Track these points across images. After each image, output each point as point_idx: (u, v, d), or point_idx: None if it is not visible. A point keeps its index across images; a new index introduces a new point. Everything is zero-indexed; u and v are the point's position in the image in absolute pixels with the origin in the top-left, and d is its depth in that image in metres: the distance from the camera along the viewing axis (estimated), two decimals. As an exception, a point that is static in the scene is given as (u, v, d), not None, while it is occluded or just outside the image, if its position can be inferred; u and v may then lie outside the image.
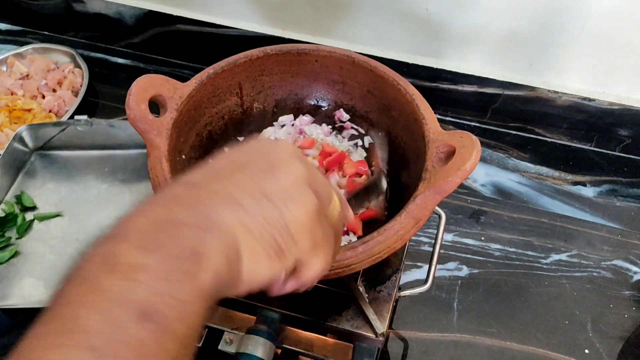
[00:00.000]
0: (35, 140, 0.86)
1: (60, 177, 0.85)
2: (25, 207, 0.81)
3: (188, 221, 0.28)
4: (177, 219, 0.28)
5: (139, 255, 0.26)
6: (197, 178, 0.32)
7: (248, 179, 0.32)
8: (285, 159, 0.34)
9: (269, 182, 0.32)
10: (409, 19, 0.89)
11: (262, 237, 0.31)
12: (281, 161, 0.34)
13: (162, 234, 0.27)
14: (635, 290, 0.75)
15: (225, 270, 0.29)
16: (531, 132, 0.94)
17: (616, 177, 0.88)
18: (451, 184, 0.47)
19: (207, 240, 0.28)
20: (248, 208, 0.31)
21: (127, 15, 1.05)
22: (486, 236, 0.80)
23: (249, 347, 0.54)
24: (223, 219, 0.30)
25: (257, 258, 0.31)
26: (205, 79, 0.61)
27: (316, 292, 0.56)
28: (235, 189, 0.31)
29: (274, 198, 0.32)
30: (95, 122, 0.84)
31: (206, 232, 0.29)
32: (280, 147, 0.35)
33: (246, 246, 0.30)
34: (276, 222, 0.31)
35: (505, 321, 0.72)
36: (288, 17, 0.97)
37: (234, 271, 0.30)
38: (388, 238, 0.48)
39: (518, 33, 0.85)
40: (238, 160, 0.34)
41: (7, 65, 1.02)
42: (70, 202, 0.82)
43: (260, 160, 0.34)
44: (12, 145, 0.83)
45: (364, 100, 0.67)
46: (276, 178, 0.33)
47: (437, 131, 0.54)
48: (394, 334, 0.71)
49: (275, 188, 0.32)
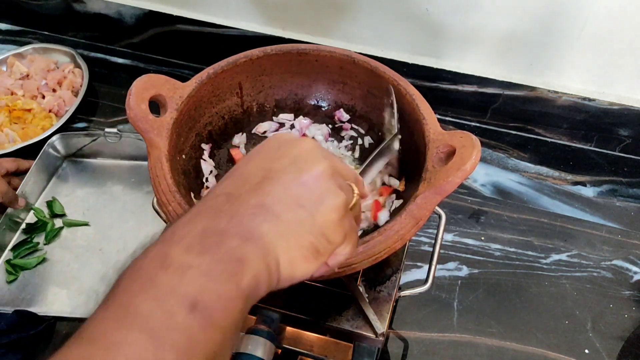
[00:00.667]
0: (67, 148, 0.89)
1: (89, 185, 0.87)
2: (55, 214, 0.83)
3: (230, 231, 0.32)
4: (221, 229, 0.32)
5: (189, 257, 0.30)
6: (232, 188, 0.35)
7: (280, 189, 0.34)
8: (309, 158, 0.36)
9: (298, 188, 0.35)
10: (409, 19, 0.89)
11: (298, 242, 0.34)
12: (307, 162, 0.36)
13: (208, 240, 0.31)
14: (635, 290, 0.75)
15: (264, 275, 0.32)
16: (531, 132, 0.94)
17: (616, 177, 0.88)
18: (451, 184, 0.47)
19: (248, 248, 0.31)
20: (283, 218, 0.33)
21: (127, 15, 1.05)
22: (486, 236, 0.80)
23: (249, 347, 0.54)
24: (261, 230, 0.32)
25: (295, 262, 0.34)
26: (206, 78, 0.61)
27: (316, 292, 0.56)
28: (269, 199, 0.34)
29: (306, 204, 0.34)
30: (124, 134, 0.86)
31: (247, 242, 0.32)
32: (302, 146, 0.37)
33: (283, 252, 0.33)
34: (310, 227, 0.34)
35: (505, 321, 0.72)
36: (288, 17, 0.97)
37: (273, 275, 0.33)
38: (388, 238, 0.48)
39: (518, 33, 0.85)
40: (265, 165, 0.36)
41: (7, 65, 1.02)
42: (97, 212, 0.84)
43: (286, 163, 0.36)
44: (46, 151, 0.86)
45: (364, 100, 0.67)
46: (305, 183, 0.35)
47: (437, 131, 0.54)
48: (394, 334, 0.71)
49: (305, 194, 0.35)
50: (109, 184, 0.87)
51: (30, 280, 0.76)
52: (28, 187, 0.83)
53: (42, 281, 0.76)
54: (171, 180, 0.52)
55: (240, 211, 0.33)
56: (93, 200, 0.85)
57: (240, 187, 0.35)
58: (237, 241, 0.31)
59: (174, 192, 0.51)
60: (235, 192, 0.34)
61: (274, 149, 0.38)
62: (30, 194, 0.84)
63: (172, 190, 0.51)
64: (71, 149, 0.89)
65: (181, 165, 0.59)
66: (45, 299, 0.74)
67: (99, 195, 0.86)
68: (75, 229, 0.82)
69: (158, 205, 0.54)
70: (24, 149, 0.87)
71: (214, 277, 0.29)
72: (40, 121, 0.93)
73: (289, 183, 0.35)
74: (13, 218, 0.81)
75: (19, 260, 0.77)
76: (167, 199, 0.51)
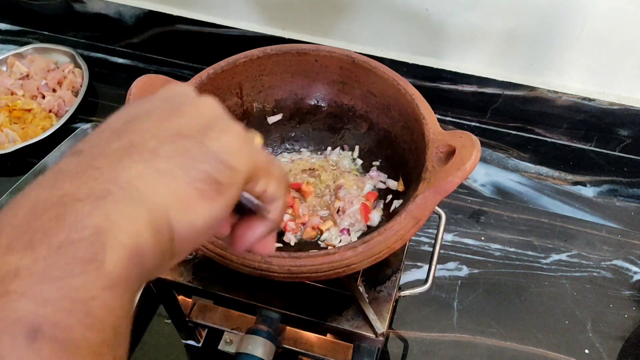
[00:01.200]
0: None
1: None
2: None
3: (78, 193, 0.22)
4: (64, 195, 0.22)
5: (12, 259, 0.20)
6: (88, 143, 0.25)
7: (152, 124, 0.26)
8: (193, 97, 0.28)
9: (179, 120, 0.26)
10: (409, 18, 0.89)
11: (188, 176, 0.25)
12: (189, 99, 0.28)
13: (42, 220, 0.21)
14: (635, 290, 0.75)
15: (148, 238, 0.23)
16: (531, 132, 0.94)
17: (616, 177, 0.88)
18: (451, 184, 0.47)
19: (110, 209, 0.22)
20: (160, 152, 0.24)
21: (127, 15, 1.05)
22: (486, 236, 0.80)
23: (249, 347, 0.54)
24: (129, 174, 0.23)
25: (190, 202, 0.25)
26: (205, 79, 0.61)
27: (316, 292, 0.56)
28: (137, 137, 0.25)
29: (191, 133, 0.26)
30: None
31: (106, 199, 0.22)
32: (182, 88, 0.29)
33: (170, 194, 0.24)
34: (201, 156, 0.25)
35: (505, 321, 0.72)
36: (288, 17, 0.97)
37: (161, 231, 0.24)
38: (388, 238, 0.48)
39: (518, 33, 0.85)
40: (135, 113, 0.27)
41: (7, 65, 1.02)
42: None
43: (162, 105, 0.27)
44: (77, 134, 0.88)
45: (364, 100, 0.67)
46: (188, 115, 0.27)
47: (437, 131, 0.54)
48: (394, 334, 0.71)
49: (189, 124, 0.26)
50: None
51: None
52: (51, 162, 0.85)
53: None
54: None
55: (94, 164, 0.23)
56: None
57: (99, 140, 0.25)
58: (88, 205, 0.22)
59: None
60: (90, 146, 0.25)
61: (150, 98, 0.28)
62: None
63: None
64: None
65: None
66: None
67: None
68: None
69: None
70: (24, 149, 0.86)
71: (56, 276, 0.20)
72: (40, 121, 0.93)
73: (167, 119, 0.26)
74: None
75: None
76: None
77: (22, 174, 0.84)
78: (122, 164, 0.23)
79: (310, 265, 0.48)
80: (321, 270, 0.48)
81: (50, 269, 0.20)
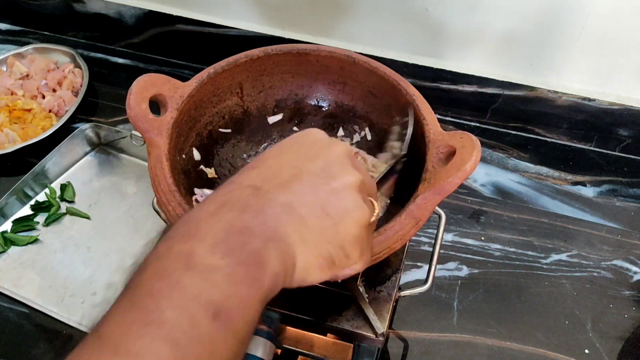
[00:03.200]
0: (98, 138, 0.92)
1: (106, 180, 0.88)
2: (64, 198, 0.84)
3: (255, 230, 0.31)
4: (246, 227, 0.31)
5: (214, 258, 0.29)
6: (260, 181, 0.34)
7: (309, 191, 0.34)
8: (340, 165, 0.36)
9: (327, 195, 0.34)
10: (409, 19, 0.89)
11: (317, 250, 0.33)
12: (337, 168, 0.35)
13: (233, 239, 0.30)
14: (635, 290, 0.75)
15: (281, 277, 0.31)
16: (531, 132, 0.94)
17: (616, 177, 0.88)
18: (451, 184, 0.47)
19: (271, 249, 0.30)
20: (308, 222, 0.33)
21: (127, 15, 1.05)
22: (486, 236, 0.80)
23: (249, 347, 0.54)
24: (286, 231, 0.32)
25: (310, 268, 0.33)
26: (206, 78, 0.61)
27: (316, 292, 0.56)
28: (296, 200, 0.33)
29: (332, 212, 0.33)
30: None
31: (270, 242, 0.31)
32: (336, 150, 0.37)
33: (301, 257, 0.32)
34: (332, 238, 0.33)
35: (505, 321, 0.72)
36: (288, 17, 0.97)
37: (288, 278, 0.32)
38: (388, 238, 0.48)
39: (518, 33, 0.85)
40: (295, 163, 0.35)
41: (7, 65, 1.02)
42: (102, 208, 0.84)
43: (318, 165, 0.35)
44: (76, 134, 0.89)
45: (365, 100, 0.67)
46: (334, 191, 0.34)
47: (437, 131, 0.54)
48: (394, 334, 0.71)
49: (333, 202, 0.34)
50: (124, 183, 0.87)
51: (14, 256, 0.78)
52: (49, 163, 0.86)
53: (24, 260, 0.78)
54: (171, 180, 0.52)
55: (266, 208, 0.32)
56: (103, 195, 0.86)
57: (268, 182, 0.34)
58: (261, 242, 0.30)
59: (174, 192, 0.51)
60: (263, 187, 0.33)
61: (307, 146, 0.37)
62: (50, 171, 0.86)
63: (172, 190, 0.51)
64: (103, 140, 0.92)
65: (181, 165, 0.59)
66: (18, 279, 0.76)
67: (111, 192, 0.86)
68: (76, 219, 0.83)
69: (158, 205, 0.54)
70: (24, 149, 0.87)
71: (237, 281, 0.29)
72: (40, 121, 0.93)
73: (319, 187, 0.34)
74: (26, 191, 0.83)
75: (12, 235, 0.79)
76: (167, 198, 0.51)
77: (22, 174, 0.84)
78: (282, 220, 0.32)
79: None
80: (321, 271, 0.48)
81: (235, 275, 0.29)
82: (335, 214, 0.34)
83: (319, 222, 0.33)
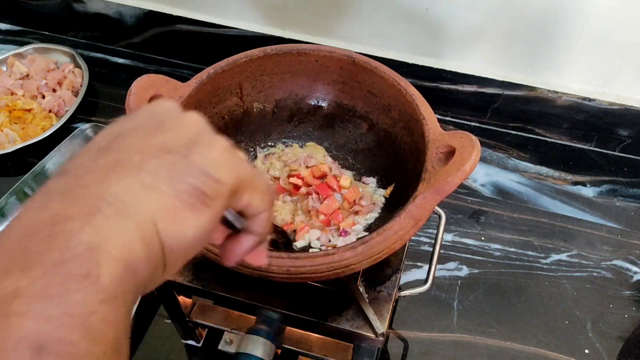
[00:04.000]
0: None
1: None
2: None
3: (67, 212, 0.23)
4: (54, 215, 0.23)
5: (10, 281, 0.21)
6: (74, 162, 0.26)
7: (137, 141, 0.26)
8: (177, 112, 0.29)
9: (163, 135, 0.27)
10: (409, 19, 0.89)
11: (174, 189, 0.25)
12: (173, 114, 0.28)
13: (35, 241, 0.22)
14: (635, 290, 0.75)
15: (139, 251, 0.23)
16: (531, 132, 0.94)
17: (616, 177, 0.88)
18: (451, 184, 0.47)
19: (100, 224, 0.23)
20: (145, 166, 0.25)
21: (127, 15, 1.05)
22: (486, 236, 0.80)
23: (249, 347, 0.54)
24: (116, 190, 0.24)
25: (177, 214, 0.25)
26: (206, 78, 0.61)
27: (316, 292, 0.56)
28: (123, 154, 0.25)
29: (176, 148, 0.26)
30: None
31: (95, 216, 0.23)
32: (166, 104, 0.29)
33: (157, 207, 0.24)
34: (186, 169, 0.26)
35: (505, 321, 0.72)
36: (288, 17, 0.97)
37: (151, 244, 0.24)
38: (388, 238, 0.48)
39: (518, 33, 0.85)
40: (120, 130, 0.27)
41: (7, 65, 1.02)
42: None
43: (146, 122, 0.28)
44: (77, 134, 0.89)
45: (365, 100, 0.67)
46: (172, 130, 0.27)
47: (437, 131, 0.54)
48: (394, 334, 0.71)
49: (174, 139, 0.27)
50: None
51: None
52: (49, 163, 0.86)
53: None
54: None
55: (81, 182, 0.24)
56: None
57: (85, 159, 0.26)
58: (78, 223, 0.22)
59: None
60: (77, 166, 0.25)
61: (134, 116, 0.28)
62: (50, 171, 0.86)
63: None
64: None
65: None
66: None
67: None
68: None
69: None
70: (24, 149, 0.87)
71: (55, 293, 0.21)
72: (40, 121, 0.93)
73: (153, 135, 0.26)
74: (26, 191, 0.83)
75: None
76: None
77: (22, 174, 0.84)
78: (109, 180, 0.24)
79: (309, 266, 0.48)
80: (320, 271, 0.48)
81: (48, 287, 0.21)
82: (182, 147, 0.26)
83: (163, 161, 0.25)
